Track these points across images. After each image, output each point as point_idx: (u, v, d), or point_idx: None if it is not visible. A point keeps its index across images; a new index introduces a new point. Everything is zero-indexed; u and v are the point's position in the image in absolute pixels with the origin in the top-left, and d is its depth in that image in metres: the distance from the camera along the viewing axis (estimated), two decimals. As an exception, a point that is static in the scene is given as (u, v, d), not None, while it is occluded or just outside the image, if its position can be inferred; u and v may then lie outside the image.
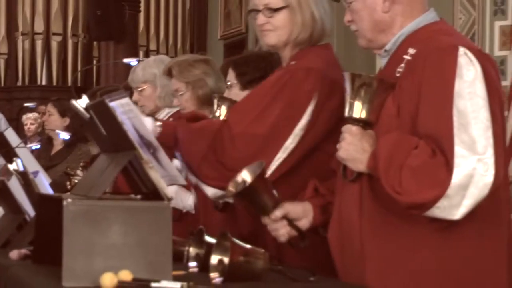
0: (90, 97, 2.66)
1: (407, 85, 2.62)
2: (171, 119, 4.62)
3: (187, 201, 4.00)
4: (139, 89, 4.85)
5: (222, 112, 3.45)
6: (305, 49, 3.20)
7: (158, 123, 3.12)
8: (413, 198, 2.51)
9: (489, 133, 2.54)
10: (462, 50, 2.59)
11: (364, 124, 2.65)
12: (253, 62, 3.81)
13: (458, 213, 2.52)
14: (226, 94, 3.83)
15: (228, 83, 3.84)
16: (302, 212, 2.94)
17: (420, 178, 2.51)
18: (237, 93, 3.73)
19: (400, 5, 2.73)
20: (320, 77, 3.09)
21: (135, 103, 4.71)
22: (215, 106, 3.48)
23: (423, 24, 2.75)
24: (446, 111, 2.54)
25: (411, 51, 2.68)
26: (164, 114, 4.77)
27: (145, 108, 4.76)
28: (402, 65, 2.67)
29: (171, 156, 3.14)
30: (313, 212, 2.95)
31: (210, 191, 3.12)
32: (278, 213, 2.87)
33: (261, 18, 3.19)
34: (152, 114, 4.79)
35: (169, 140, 3.11)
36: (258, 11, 3.20)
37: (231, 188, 2.84)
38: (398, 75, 2.67)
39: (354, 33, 2.83)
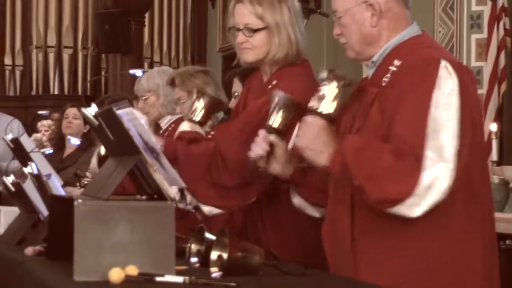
0: (98, 105, 2.66)
1: (392, 93, 2.62)
2: (172, 125, 4.62)
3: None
4: (144, 97, 4.86)
5: (199, 105, 3.43)
6: (285, 68, 3.20)
7: (161, 143, 3.09)
8: (384, 194, 2.51)
9: (456, 143, 2.54)
10: (443, 63, 2.59)
11: (329, 120, 2.64)
12: None
13: (417, 211, 2.52)
14: (232, 103, 3.83)
15: (235, 94, 3.83)
16: (284, 159, 2.92)
17: (391, 175, 2.51)
18: None
19: (386, 19, 2.73)
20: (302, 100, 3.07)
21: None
22: (194, 96, 3.47)
23: (408, 37, 2.74)
24: (422, 117, 2.54)
25: (397, 62, 2.67)
26: (167, 121, 4.77)
27: (149, 115, 4.76)
28: (388, 75, 2.67)
29: None
30: (292, 170, 2.93)
31: (206, 209, 3.15)
32: (272, 137, 2.87)
33: (241, 37, 3.19)
34: (156, 121, 4.80)
35: (169, 159, 3.08)
36: (238, 29, 3.19)
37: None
38: (384, 84, 2.67)
39: (343, 45, 2.82)
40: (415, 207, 2.52)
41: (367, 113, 2.67)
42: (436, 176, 2.51)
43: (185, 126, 3.37)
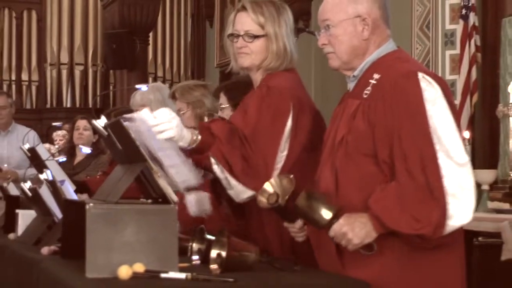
0: (106, 117, 2.65)
1: (379, 106, 2.59)
2: None
3: (208, 204, 3.67)
4: (138, 111, 4.85)
5: None
6: (274, 73, 3.14)
7: (196, 134, 2.92)
8: (431, 219, 2.46)
9: (459, 140, 2.53)
10: (420, 75, 2.58)
11: (339, 215, 2.57)
12: (241, 87, 3.78)
13: (466, 216, 2.48)
14: (219, 114, 3.80)
15: (222, 106, 3.80)
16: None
17: (421, 207, 2.46)
18: (229, 114, 3.70)
19: (375, 35, 2.73)
20: (289, 95, 3.04)
21: None
22: (206, 120, 3.40)
23: (385, 53, 2.74)
24: (424, 132, 2.51)
25: (376, 76, 2.67)
26: None
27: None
28: (369, 88, 2.66)
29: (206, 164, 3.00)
30: None
31: (236, 191, 2.94)
32: (300, 222, 2.78)
33: (240, 42, 3.14)
34: None
35: (209, 145, 2.91)
36: (238, 35, 3.15)
37: (263, 198, 2.70)
38: (365, 96, 2.66)
39: (327, 55, 2.78)
40: (458, 214, 2.47)
41: (351, 123, 2.66)
42: (459, 179, 2.48)
43: None
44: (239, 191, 2.94)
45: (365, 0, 2.71)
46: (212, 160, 2.92)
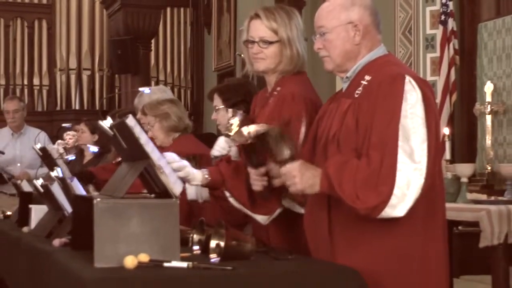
0: (111, 117, 2.65)
1: (365, 104, 2.60)
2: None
3: (205, 193, 3.64)
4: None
5: (234, 122, 3.32)
6: (286, 77, 3.14)
7: (206, 174, 3.00)
8: (367, 205, 2.48)
9: (425, 145, 2.52)
10: (407, 78, 2.58)
11: (295, 158, 2.61)
12: (235, 89, 3.77)
13: (401, 210, 2.49)
14: (214, 116, 3.78)
15: (216, 108, 3.79)
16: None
17: (369, 187, 2.48)
18: (223, 115, 3.70)
19: (366, 40, 2.73)
20: (303, 99, 3.04)
21: (139, 121, 4.70)
22: (230, 114, 3.36)
23: (376, 56, 2.74)
24: (393, 126, 2.52)
25: (367, 77, 2.67)
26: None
27: (146, 126, 4.74)
28: (360, 88, 2.66)
29: (222, 197, 3.08)
30: None
31: (260, 218, 3.01)
32: (262, 169, 2.81)
33: (256, 48, 3.13)
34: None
35: (218, 183, 3.01)
36: (253, 42, 3.14)
37: (236, 138, 2.73)
38: (356, 96, 2.66)
39: (322, 58, 2.78)
40: (398, 207, 2.48)
41: (342, 121, 2.67)
42: (409, 177, 2.48)
43: (221, 141, 3.26)
44: (255, 216, 3.01)
45: (357, 8, 2.72)
46: (227, 194, 3.02)
